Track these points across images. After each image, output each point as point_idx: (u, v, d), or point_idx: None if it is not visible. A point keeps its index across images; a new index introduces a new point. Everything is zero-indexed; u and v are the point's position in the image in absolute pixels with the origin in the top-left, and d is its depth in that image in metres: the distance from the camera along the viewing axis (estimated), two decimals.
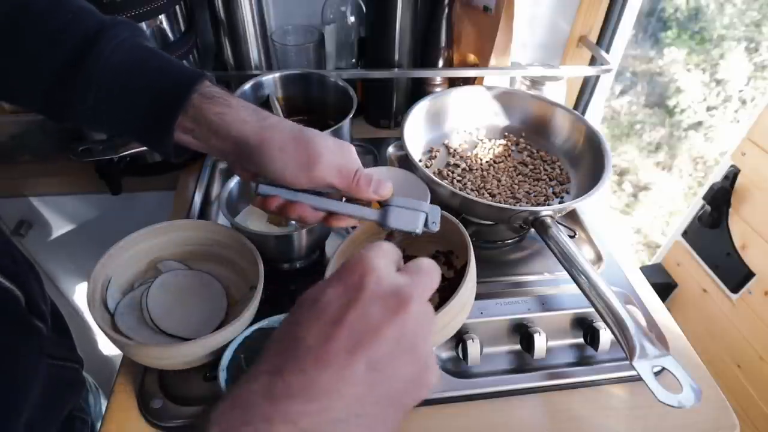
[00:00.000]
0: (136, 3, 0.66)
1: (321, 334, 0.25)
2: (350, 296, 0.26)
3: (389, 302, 0.26)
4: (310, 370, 0.24)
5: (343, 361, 0.24)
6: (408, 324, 0.26)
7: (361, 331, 0.25)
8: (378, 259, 0.28)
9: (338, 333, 0.25)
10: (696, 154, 2.25)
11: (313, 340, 0.25)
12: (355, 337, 0.25)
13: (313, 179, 0.42)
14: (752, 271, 1.07)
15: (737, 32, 2.04)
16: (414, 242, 0.60)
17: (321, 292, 0.27)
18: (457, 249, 0.58)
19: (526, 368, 0.59)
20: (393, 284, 0.27)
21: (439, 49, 0.91)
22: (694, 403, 0.45)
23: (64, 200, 0.93)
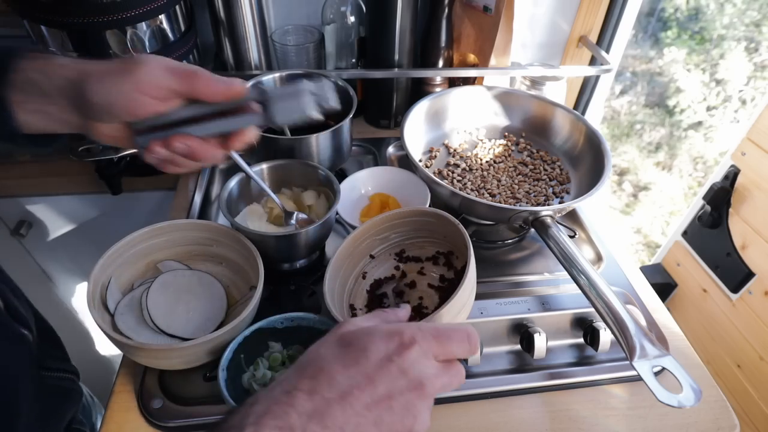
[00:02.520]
0: (136, 3, 0.66)
1: (352, 379, 0.30)
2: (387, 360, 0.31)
3: (412, 382, 0.31)
4: (335, 403, 0.29)
5: (358, 410, 0.29)
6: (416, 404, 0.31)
7: (381, 393, 0.30)
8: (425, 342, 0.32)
9: (365, 386, 0.30)
10: (696, 154, 2.25)
11: (346, 380, 0.30)
12: (374, 397, 0.30)
13: (144, 87, 0.37)
14: (752, 271, 1.07)
15: (737, 32, 2.04)
16: (415, 242, 0.60)
17: (371, 340, 0.31)
18: (457, 249, 0.58)
19: (526, 368, 0.59)
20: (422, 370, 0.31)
21: (439, 49, 0.91)
22: (694, 403, 0.45)
23: (64, 200, 0.93)
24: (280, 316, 0.54)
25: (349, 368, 0.30)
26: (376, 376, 0.30)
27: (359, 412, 0.29)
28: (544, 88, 0.91)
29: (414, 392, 0.31)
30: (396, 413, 0.30)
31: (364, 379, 0.30)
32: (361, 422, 0.29)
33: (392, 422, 0.30)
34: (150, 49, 0.71)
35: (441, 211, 0.55)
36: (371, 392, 0.29)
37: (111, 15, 0.65)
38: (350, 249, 0.57)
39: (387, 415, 0.30)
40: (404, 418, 0.30)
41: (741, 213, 1.09)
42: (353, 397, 0.29)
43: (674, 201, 2.25)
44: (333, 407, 0.29)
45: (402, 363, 0.30)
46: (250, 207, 0.68)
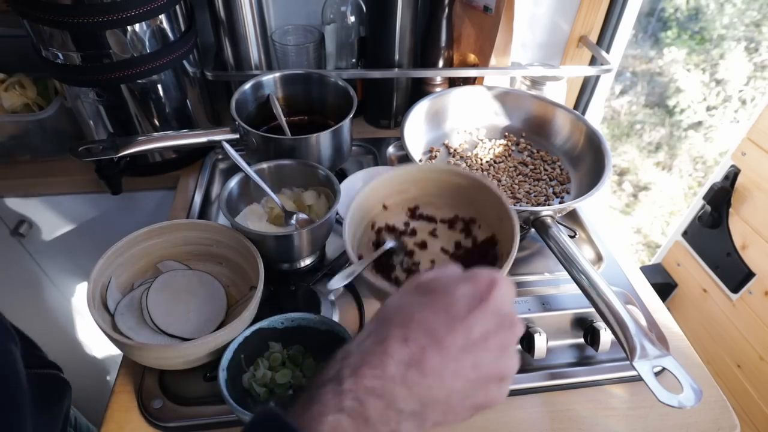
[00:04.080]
0: (136, 3, 0.66)
1: (445, 324, 0.29)
2: (476, 301, 0.30)
3: (504, 320, 0.30)
4: (430, 348, 0.28)
5: (455, 355, 0.29)
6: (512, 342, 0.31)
7: (476, 334, 0.29)
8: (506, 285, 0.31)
9: (459, 329, 0.29)
10: (696, 154, 2.25)
11: (438, 325, 0.29)
12: (470, 339, 0.29)
13: None
14: (752, 271, 1.07)
15: (737, 32, 2.04)
16: (433, 201, 0.56)
17: (454, 285, 0.31)
18: (483, 219, 0.54)
19: (527, 368, 0.59)
20: (511, 310, 0.31)
21: (439, 49, 0.91)
22: (694, 404, 0.45)
23: (64, 200, 0.92)
24: (280, 317, 0.54)
25: (439, 313, 0.30)
26: (469, 318, 0.29)
27: (456, 357, 0.29)
28: (544, 88, 0.91)
29: (508, 331, 0.31)
30: (492, 354, 0.30)
31: (457, 323, 0.29)
32: (459, 367, 0.29)
33: (489, 363, 0.30)
34: (150, 49, 0.71)
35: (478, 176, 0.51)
36: (466, 335, 0.29)
37: (111, 15, 0.65)
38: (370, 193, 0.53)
39: (484, 356, 0.30)
40: (500, 359, 0.30)
41: (741, 213, 1.09)
42: (449, 342, 0.29)
43: (674, 201, 2.25)
44: (429, 353, 0.28)
45: (492, 303, 0.30)
46: (250, 207, 0.68)
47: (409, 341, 0.28)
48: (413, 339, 0.29)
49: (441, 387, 0.29)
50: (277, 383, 0.52)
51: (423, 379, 0.28)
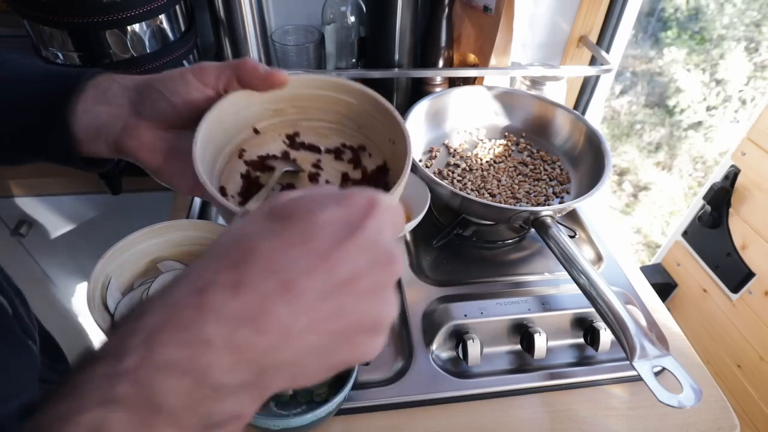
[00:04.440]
0: (136, 3, 0.66)
1: (300, 261, 0.21)
2: (344, 232, 0.22)
3: (381, 256, 0.23)
4: (275, 297, 0.20)
5: (314, 303, 0.21)
6: (387, 283, 0.24)
7: (341, 275, 0.22)
8: (386, 210, 0.24)
9: (320, 270, 0.21)
10: (696, 154, 2.25)
11: (290, 263, 0.21)
12: (335, 282, 0.22)
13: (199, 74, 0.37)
14: (752, 271, 1.07)
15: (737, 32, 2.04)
16: (316, 126, 0.45)
17: (319, 209, 0.23)
18: (373, 145, 0.44)
19: (526, 368, 0.59)
20: (390, 242, 0.24)
21: (439, 49, 0.91)
22: (694, 404, 0.45)
23: (64, 200, 0.93)
24: None
25: (294, 246, 0.21)
26: (333, 252, 0.22)
27: (312, 305, 0.21)
28: (544, 88, 0.91)
29: (384, 269, 0.23)
30: (362, 299, 0.22)
31: (317, 259, 0.21)
32: (315, 318, 0.21)
33: (357, 311, 0.22)
34: (150, 49, 0.71)
35: (367, 90, 0.41)
36: (327, 275, 0.21)
37: (111, 15, 0.65)
38: (234, 108, 0.40)
39: (350, 302, 0.22)
40: (372, 304, 0.23)
41: (741, 213, 1.09)
42: (303, 285, 0.21)
43: (674, 201, 2.25)
44: (273, 302, 0.20)
45: (366, 232, 0.23)
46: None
47: (242, 287, 0.20)
48: (249, 284, 0.20)
49: (287, 346, 0.21)
50: None
51: (260, 338, 0.20)
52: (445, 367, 0.58)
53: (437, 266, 0.70)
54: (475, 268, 0.70)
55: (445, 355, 0.60)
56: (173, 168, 0.39)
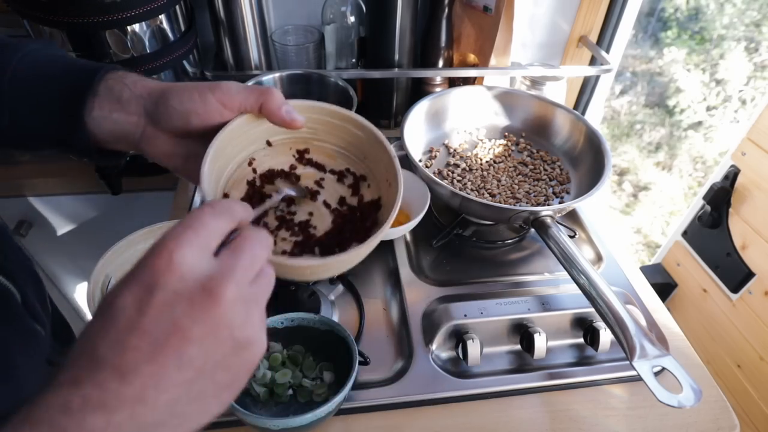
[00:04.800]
0: (136, 3, 0.66)
1: (116, 345, 0.23)
2: (145, 299, 0.24)
3: (195, 299, 0.24)
4: (110, 383, 0.22)
5: (148, 370, 0.23)
6: (222, 317, 0.24)
7: (163, 335, 0.23)
8: (181, 249, 0.25)
9: (134, 342, 0.23)
10: (696, 154, 2.25)
11: (109, 351, 0.23)
12: (157, 343, 0.23)
13: (222, 97, 0.38)
14: (752, 271, 1.07)
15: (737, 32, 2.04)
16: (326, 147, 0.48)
17: (114, 294, 0.24)
18: (372, 178, 0.47)
19: (526, 368, 0.59)
20: (200, 277, 0.24)
21: (439, 49, 0.91)
22: (693, 403, 0.45)
23: (64, 200, 0.93)
24: (280, 316, 0.54)
25: (106, 335, 0.23)
26: (140, 321, 0.23)
27: (149, 372, 0.23)
28: (544, 88, 0.91)
29: (208, 305, 0.24)
30: (202, 340, 0.24)
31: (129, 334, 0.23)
32: (162, 379, 0.23)
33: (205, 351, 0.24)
34: (150, 49, 0.71)
35: (375, 130, 0.44)
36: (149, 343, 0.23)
37: (111, 15, 0.65)
38: (249, 126, 0.42)
39: (191, 348, 0.24)
40: (218, 337, 0.24)
41: (741, 213, 1.09)
42: (128, 362, 0.23)
43: (674, 201, 2.25)
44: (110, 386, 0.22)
45: (166, 286, 0.24)
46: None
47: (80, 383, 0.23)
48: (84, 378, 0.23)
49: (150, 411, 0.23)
50: (277, 383, 0.52)
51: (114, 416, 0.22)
52: (444, 367, 0.58)
53: (437, 266, 0.70)
54: (475, 268, 0.70)
55: (444, 355, 0.60)
56: (191, 168, 0.40)
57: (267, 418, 0.46)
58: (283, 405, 0.52)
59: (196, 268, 0.25)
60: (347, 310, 0.64)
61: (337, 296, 0.65)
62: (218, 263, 0.26)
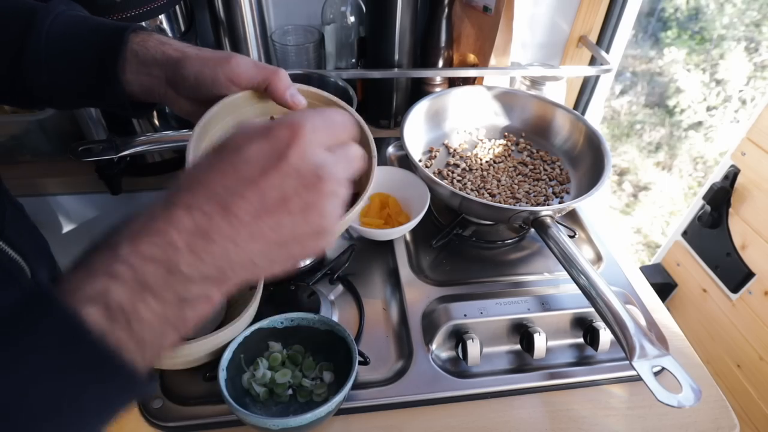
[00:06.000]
0: (136, 3, 0.66)
1: (234, 190, 0.26)
2: (271, 161, 0.27)
3: (306, 180, 0.27)
4: (217, 218, 0.26)
5: (248, 220, 0.26)
6: (320, 203, 0.28)
7: (272, 199, 0.27)
8: (312, 133, 0.28)
9: (249, 194, 0.26)
10: (696, 154, 2.25)
11: (225, 191, 0.26)
12: (265, 204, 0.27)
13: (232, 75, 0.42)
14: (752, 271, 1.07)
15: (737, 32, 2.04)
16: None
17: (247, 142, 0.28)
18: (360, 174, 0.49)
19: (526, 368, 0.59)
20: (315, 163, 0.28)
21: (439, 49, 0.91)
22: (693, 403, 0.45)
23: (64, 200, 0.93)
24: (280, 316, 0.54)
25: (226, 176, 0.27)
26: (260, 180, 0.27)
27: (249, 222, 0.26)
28: (544, 88, 0.91)
29: (312, 190, 0.28)
30: (296, 215, 0.28)
31: (247, 187, 0.26)
32: (256, 231, 0.27)
33: (294, 225, 0.28)
34: None
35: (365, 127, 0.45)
36: (258, 199, 0.27)
37: (111, 15, 0.65)
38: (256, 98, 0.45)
39: (286, 218, 0.27)
40: (308, 218, 0.28)
41: (741, 213, 1.09)
42: (237, 208, 0.26)
43: (674, 201, 2.25)
44: (216, 221, 0.26)
45: (290, 160, 0.27)
46: None
47: (193, 209, 0.26)
48: (197, 206, 0.26)
49: (237, 251, 0.27)
50: (277, 383, 0.52)
51: (212, 245, 0.26)
52: (444, 367, 0.58)
53: (437, 266, 0.70)
54: (474, 268, 0.70)
55: (444, 355, 0.60)
56: None
57: (267, 418, 0.46)
58: (283, 405, 0.52)
59: (316, 154, 0.28)
60: (347, 310, 0.64)
61: (336, 296, 0.65)
62: (332, 158, 0.29)
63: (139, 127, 0.78)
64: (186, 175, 0.28)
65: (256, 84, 0.42)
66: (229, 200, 0.26)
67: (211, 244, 0.26)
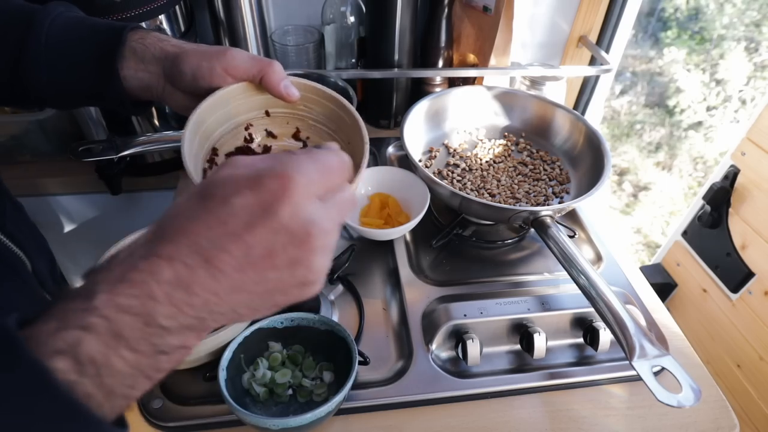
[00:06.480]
0: (136, 3, 0.66)
1: (217, 243, 0.25)
2: (258, 216, 0.26)
3: (296, 236, 0.26)
4: (198, 270, 0.25)
5: (231, 274, 0.26)
6: (308, 260, 0.27)
7: (258, 254, 0.26)
8: (304, 186, 0.27)
9: (234, 248, 0.26)
10: (696, 154, 2.25)
11: (209, 244, 0.25)
12: (250, 259, 0.26)
13: (227, 65, 0.42)
14: (752, 271, 1.07)
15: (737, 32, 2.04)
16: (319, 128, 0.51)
17: (234, 192, 0.26)
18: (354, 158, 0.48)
19: (526, 368, 0.59)
20: (307, 218, 0.27)
21: (439, 49, 0.91)
22: (693, 403, 0.45)
23: (64, 200, 0.93)
24: (280, 316, 0.54)
25: (211, 228, 0.26)
26: (246, 235, 0.26)
27: (232, 275, 0.26)
28: (544, 88, 0.91)
29: (301, 247, 0.27)
30: (282, 270, 0.27)
31: (232, 241, 0.26)
32: (238, 284, 0.26)
33: (280, 278, 0.27)
34: None
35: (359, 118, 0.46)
36: (243, 254, 0.26)
37: (111, 15, 0.65)
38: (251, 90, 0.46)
39: (271, 273, 0.27)
40: (294, 273, 0.27)
41: (741, 213, 1.09)
42: (220, 261, 0.25)
43: (674, 201, 2.25)
44: (198, 273, 0.25)
45: (279, 216, 0.26)
46: None
47: (174, 260, 0.25)
48: (179, 258, 0.25)
49: (219, 303, 0.26)
50: (277, 383, 0.52)
51: (193, 298, 0.25)
52: (444, 367, 0.58)
53: (437, 266, 0.70)
54: (474, 268, 0.70)
55: (444, 355, 0.60)
56: None
57: (267, 418, 0.46)
58: (283, 405, 0.52)
59: (307, 208, 0.27)
60: (347, 310, 0.64)
61: (336, 296, 0.65)
62: (324, 212, 0.28)
63: (139, 127, 0.78)
64: (170, 219, 0.27)
65: (252, 76, 0.43)
66: (212, 253, 0.25)
67: (192, 296, 0.25)
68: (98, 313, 0.24)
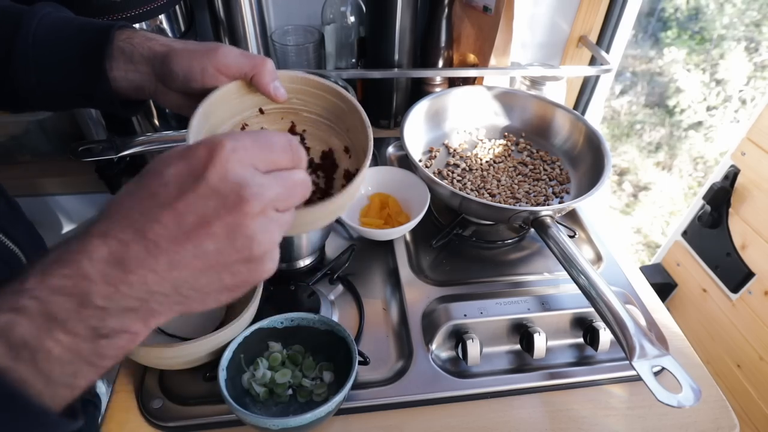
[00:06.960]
0: (136, 3, 0.66)
1: (149, 215, 0.25)
2: (188, 182, 0.25)
3: (227, 199, 0.25)
4: (132, 244, 0.25)
5: (166, 246, 0.25)
6: (244, 225, 0.26)
7: (190, 222, 0.25)
8: (233, 152, 0.26)
9: (165, 218, 0.25)
10: (696, 154, 2.25)
11: (141, 217, 0.25)
12: (183, 228, 0.25)
13: (220, 65, 0.41)
14: (752, 271, 1.07)
15: (737, 32, 2.04)
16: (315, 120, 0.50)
17: (165, 166, 0.26)
18: (353, 149, 0.49)
19: (526, 368, 0.59)
20: (239, 182, 0.26)
21: (439, 49, 0.91)
22: (693, 403, 0.45)
23: (64, 200, 0.93)
24: (280, 316, 0.54)
25: (143, 201, 0.25)
26: (177, 203, 0.25)
27: (167, 248, 0.25)
28: (544, 88, 0.91)
29: (234, 211, 0.26)
30: (220, 239, 0.26)
31: (163, 210, 0.25)
32: (176, 258, 0.25)
33: (220, 250, 0.26)
34: None
35: (356, 103, 0.46)
36: (175, 223, 0.25)
37: (111, 15, 0.65)
38: (244, 89, 0.45)
39: (208, 243, 0.26)
40: (234, 243, 0.26)
41: (741, 213, 1.09)
42: (153, 233, 0.25)
43: (674, 201, 2.25)
44: (132, 248, 0.24)
45: (208, 179, 0.25)
46: None
47: (108, 236, 0.25)
48: (113, 234, 0.25)
49: (158, 281, 0.25)
50: (277, 383, 0.52)
51: (129, 275, 0.25)
52: (444, 367, 0.58)
53: (437, 266, 0.70)
54: (474, 268, 0.70)
55: (444, 355, 0.60)
56: None
57: (267, 418, 0.46)
58: (283, 405, 0.52)
59: (238, 172, 0.26)
60: (347, 310, 0.64)
61: (336, 296, 0.65)
62: (260, 179, 0.27)
63: (139, 127, 0.78)
64: (107, 203, 0.27)
65: (244, 74, 0.42)
66: (145, 226, 0.25)
67: (128, 273, 0.25)
68: (30, 294, 0.23)
